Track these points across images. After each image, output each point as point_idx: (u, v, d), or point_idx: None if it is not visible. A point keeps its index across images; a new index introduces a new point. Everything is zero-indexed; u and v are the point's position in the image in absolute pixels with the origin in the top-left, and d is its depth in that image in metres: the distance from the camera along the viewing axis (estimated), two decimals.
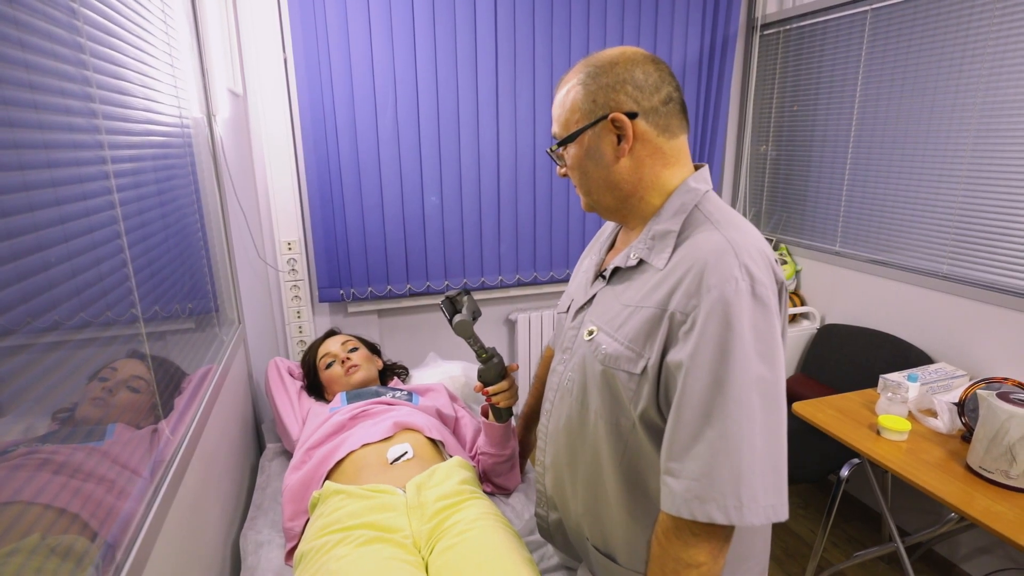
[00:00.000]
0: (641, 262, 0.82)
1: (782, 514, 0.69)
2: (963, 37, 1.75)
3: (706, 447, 0.68)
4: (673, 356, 0.73)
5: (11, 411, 0.55)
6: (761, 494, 0.67)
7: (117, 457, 0.78)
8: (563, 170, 0.89)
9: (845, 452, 1.74)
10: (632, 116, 0.79)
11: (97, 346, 0.74)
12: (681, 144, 0.84)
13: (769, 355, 0.70)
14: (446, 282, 2.23)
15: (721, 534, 0.71)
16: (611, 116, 0.78)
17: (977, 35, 1.71)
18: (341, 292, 2.11)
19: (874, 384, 1.72)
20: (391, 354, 2.10)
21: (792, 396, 2.09)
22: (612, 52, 0.82)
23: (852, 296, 2.19)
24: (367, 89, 1.96)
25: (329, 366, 1.55)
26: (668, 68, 0.82)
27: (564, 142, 0.84)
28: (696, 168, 0.85)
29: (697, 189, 0.81)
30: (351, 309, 2.19)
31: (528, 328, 2.39)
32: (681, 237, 0.78)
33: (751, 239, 0.74)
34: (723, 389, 0.68)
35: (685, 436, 0.70)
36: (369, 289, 2.14)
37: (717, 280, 0.70)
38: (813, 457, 1.86)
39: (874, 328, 2.09)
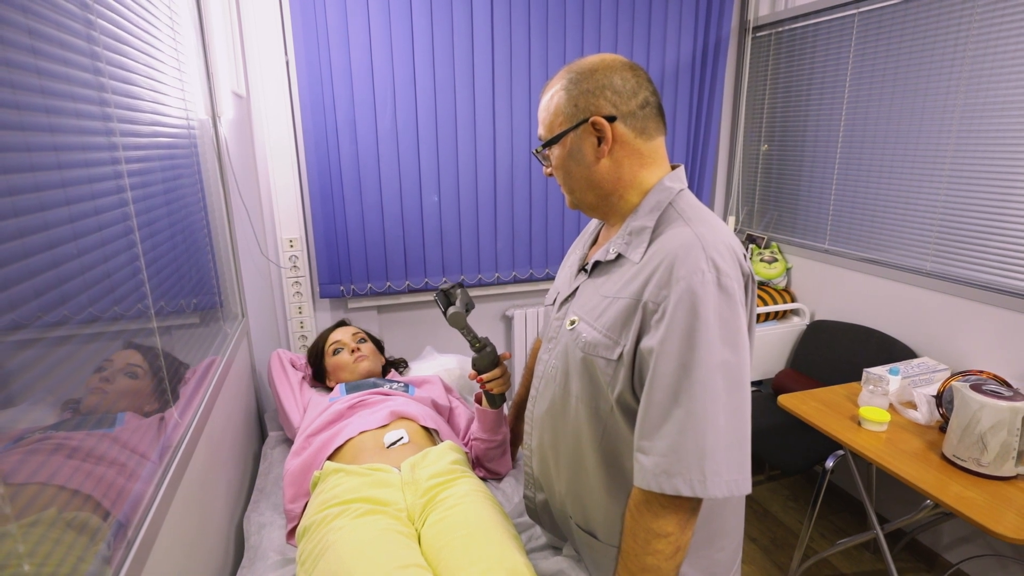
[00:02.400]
0: (619, 256, 0.88)
1: (744, 488, 0.74)
2: (947, 41, 1.80)
3: (674, 426, 0.74)
4: (646, 343, 0.78)
5: (26, 399, 0.59)
6: (724, 469, 0.73)
7: (127, 443, 0.83)
8: (548, 170, 0.94)
9: (830, 444, 1.80)
10: (611, 119, 0.84)
11: (107, 339, 0.79)
12: (658, 145, 0.89)
13: (733, 341, 0.75)
14: (444, 278, 2.29)
15: (688, 506, 0.76)
16: (591, 119, 0.84)
17: (959, 39, 1.76)
18: (341, 288, 2.16)
19: (860, 378, 1.77)
20: (390, 348, 2.15)
21: (781, 390, 2.14)
22: (593, 59, 0.87)
23: (841, 293, 2.24)
24: (367, 90, 2.02)
25: (337, 352, 1.61)
26: (646, 74, 0.88)
27: (548, 144, 0.90)
28: (672, 168, 0.91)
29: (672, 188, 0.87)
30: (351, 305, 2.24)
31: (524, 324, 2.45)
32: (655, 233, 0.84)
33: (719, 234, 0.80)
34: (689, 372, 0.73)
35: (655, 416, 0.76)
36: (369, 285, 2.19)
37: (685, 272, 0.75)
38: (799, 449, 1.91)
39: (861, 324, 2.14)
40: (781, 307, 2.38)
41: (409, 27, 2.02)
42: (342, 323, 1.76)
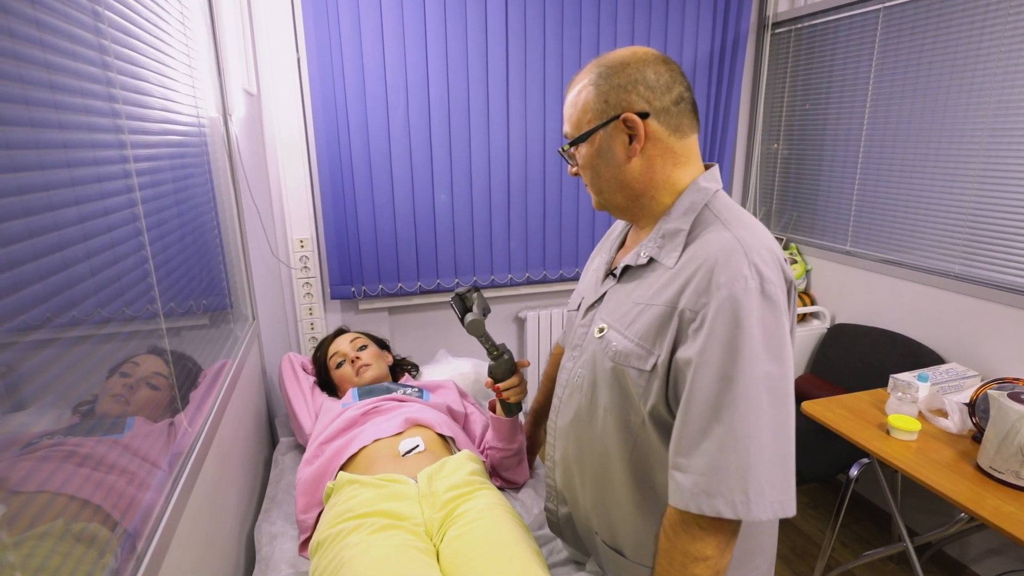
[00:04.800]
0: (651, 260, 0.83)
1: (789, 510, 0.70)
2: (976, 35, 1.74)
3: (714, 443, 0.69)
4: (683, 353, 0.74)
5: (34, 404, 0.56)
6: (768, 489, 0.68)
7: (136, 450, 0.80)
8: (574, 169, 0.90)
9: (854, 452, 1.74)
10: (644, 116, 0.79)
11: (119, 341, 0.76)
12: (692, 143, 0.84)
13: (778, 353, 0.70)
14: (456, 280, 2.25)
15: (728, 528, 0.72)
16: (623, 116, 0.79)
17: (990, 33, 1.70)
18: (352, 289, 2.13)
19: (884, 384, 1.71)
20: (402, 351, 2.12)
21: (802, 395, 2.08)
22: (623, 52, 0.82)
23: (863, 295, 2.18)
24: (379, 88, 1.98)
25: (340, 365, 1.56)
26: (679, 68, 0.83)
27: (576, 142, 0.85)
28: (706, 167, 0.86)
29: (707, 188, 0.82)
30: (362, 306, 2.21)
31: (537, 326, 2.40)
32: (691, 236, 0.79)
33: (760, 238, 0.75)
34: (731, 386, 0.69)
35: (693, 432, 0.71)
36: (380, 287, 2.16)
37: (727, 278, 0.71)
38: (822, 457, 1.86)
39: (885, 328, 2.09)
40: (801, 310, 2.33)
41: (422, 23, 1.98)
42: (340, 331, 1.71)
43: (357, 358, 1.55)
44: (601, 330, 0.86)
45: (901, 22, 1.95)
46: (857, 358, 2.14)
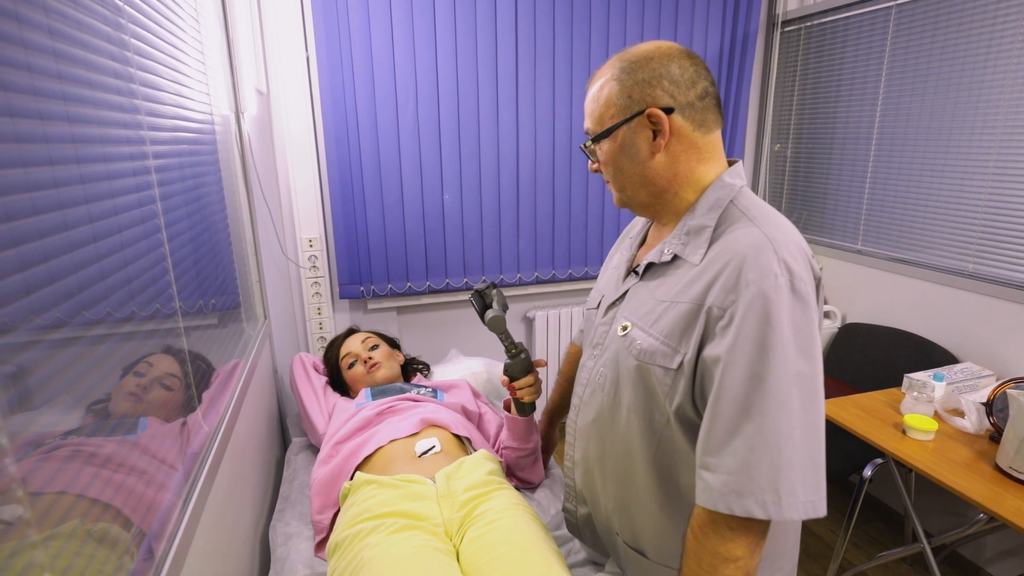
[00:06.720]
0: (675, 258, 0.82)
1: (821, 510, 0.69)
2: (988, 31, 1.73)
3: (744, 442, 0.68)
4: (710, 351, 0.73)
5: (47, 403, 0.55)
6: (800, 489, 0.67)
7: (155, 451, 0.79)
8: (595, 166, 0.89)
9: (867, 452, 1.73)
10: (668, 111, 0.78)
11: (138, 340, 0.75)
12: (716, 139, 0.83)
13: (808, 351, 0.69)
14: (465, 279, 2.24)
15: (758, 528, 0.71)
16: (647, 111, 0.78)
17: (1003, 30, 1.69)
18: (361, 289, 2.12)
19: (897, 383, 1.70)
20: (410, 351, 2.10)
21: None
22: (647, 47, 0.81)
23: (874, 295, 2.17)
24: (388, 87, 1.98)
25: (352, 366, 1.56)
26: (703, 62, 0.82)
27: (598, 138, 0.84)
28: (730, 164, 0.85)
29: (732, 184, 0.81)
30: (371, 306, 2.20)
31: (546, 326, 2.39)
32: (717, 232, 0.78)
33: (789, 234, 0.74)
34: (762, 384, 0.68)
35: (722, 431, 0.70)
36: (389, 286, 2.15)
37: (756, 275, 0.70)
38: (834, 457, 1.84)
39: (897, 327, 2.07)
40: None
41: (432, 23, 1.97)
42: (351, 330, 1.71)
43: (369, 358, 1.54)
44: (624, 328, 0.85)
45: (912, 19, 1.93)
46: (869, 357, 2.12)
